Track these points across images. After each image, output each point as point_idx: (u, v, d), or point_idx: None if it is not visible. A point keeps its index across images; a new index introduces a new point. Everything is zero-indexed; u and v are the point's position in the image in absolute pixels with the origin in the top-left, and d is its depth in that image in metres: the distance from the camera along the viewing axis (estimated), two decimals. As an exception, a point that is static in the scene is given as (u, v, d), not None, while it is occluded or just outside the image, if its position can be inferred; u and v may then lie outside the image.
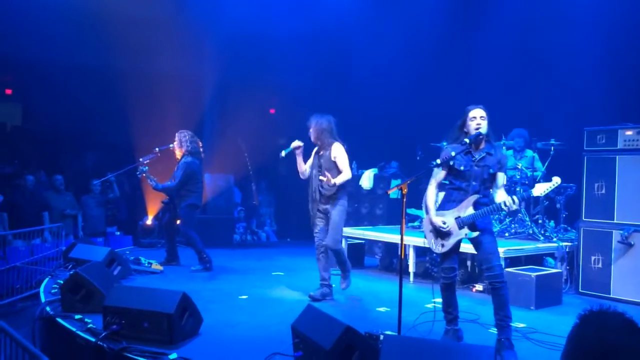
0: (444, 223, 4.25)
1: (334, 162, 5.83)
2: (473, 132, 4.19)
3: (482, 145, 4.24)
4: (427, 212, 4.40)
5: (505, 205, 4.07)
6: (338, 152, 5.86)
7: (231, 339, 4.42)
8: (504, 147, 7.36)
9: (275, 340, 4.14)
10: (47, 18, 9.35)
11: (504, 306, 4.14)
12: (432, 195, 4.40)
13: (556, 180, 4.13)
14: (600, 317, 1.35)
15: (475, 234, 4.20)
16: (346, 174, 5.80)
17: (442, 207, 4.38)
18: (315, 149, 6.05)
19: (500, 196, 4.20)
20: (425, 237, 4.47)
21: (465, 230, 4.22)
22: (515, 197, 4.09)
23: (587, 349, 1.30)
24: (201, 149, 7.64)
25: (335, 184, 5.67)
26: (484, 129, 4.19)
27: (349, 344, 3.44)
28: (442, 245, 4.31)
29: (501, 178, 4.26)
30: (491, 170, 4.21)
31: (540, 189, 4.13)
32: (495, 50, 8.57)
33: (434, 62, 9.34)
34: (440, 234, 4.30)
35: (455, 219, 4.24)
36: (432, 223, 4.33)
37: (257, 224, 11.13)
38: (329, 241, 5.79)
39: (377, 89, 9.78)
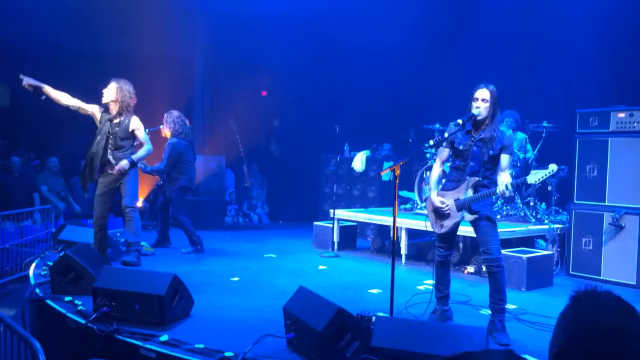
0: (443, 203, 4.25)
1: (132, 134, 5.74)
2: (474, 114, 4.14)
3: (484, 126, 4.17)
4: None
5: (502, 191, 4.00)
6: (138, 125, 5.77)
7: (222, 320, 4.41)
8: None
9: (267, 322, 4.13)
10: (36, -1, 9.19)
11: (500, 290, 4.14)
12: (435, 174, 4.41)
13: (552, 167, 4.01)
14: (593, 297, 1.32)
15: (473, 216, 4.17)
16: (148, 146, 5.79)
17: (444, 186, 4.39)
18: (103, 114, 5.76)
19: (503, 178, 4.12)
20: (427, 217, 4.47)
21: (463, 213, 4.21)
22: (509, 185, 4.02)
23: (582, 330, 1.27)
24: (190, 129, 7.59)
25: (130, 162, 5.63)
26: (483, 111, 4.11)
27: (341, 325, 3.43)
28: (441, 227, 4.32)
29: (504, 160, 4.16)
30: (491, 152, 4.14)
31: (535, 177, 4.01)
32: (488, 32, 8.49)
33: (426, 45, 9.26)
34: (440, 215, 4.30)
35: (455, 200, 4.23)
36: (432, 203, 4.33)
37: (249, 206, 11.09)
38: (127, 201, 5.68)
39: (369, 71, 9.71)
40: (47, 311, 4.57)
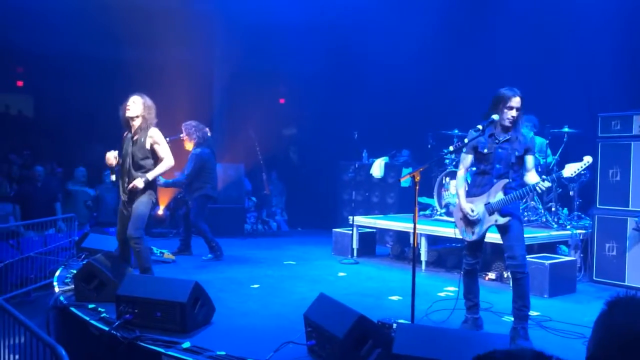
0: (473, 211, 4.20)
1: (150, 151, 5.16)
2: (506, 120, 4.10)
3: (511, 129, 4.15)
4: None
5: (539, 187, 4.00)
6: (157, 139, 5.18)
7: (243, 327, 4.42)
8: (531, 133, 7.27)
9: (288, 329, 4.13)
10: (57, 10, 9.37)
11: (524, 296, 4.10)
12: (462, 181, 4.35)
13: (587, 159, 4.01)
14: (629, 303, 1.31)
15: (506, 219, 4.13)
16: (168, 162, 5.18)
17: (468, 193, 4.33)
18: (127, 134, 5.29)
19: (531, 178, 4.14)
20: (455, 225, 4.42)
21: (495, 217, 4.15)
22: (545, 177, 4.06)
23: (618, 336, 1.26)
24: (210, 137, 7.65)
25: (145, 182, 5.06)
26: (516, 118, 4.13)
27: (362, 332, 3.42)
28: (473, 233, 4.25)
29: (530, 161, 4.18)
30: (517, 153, 4.13)
31: (570, 170, 4.02)
32: (507, 35, 8.44)
33: (444, 50, 9.24)
34: (471, 221, 4.24)
35: (485, 205, 4.18)
36: (462, 210, 4.27)
37: (268, 214, 11.13)
38: (132, 230, 5.08)
39: (387, 77, 9.70)
40: (71, 318, 4.63)
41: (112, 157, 5.23)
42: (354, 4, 9.93)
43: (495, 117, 4.09)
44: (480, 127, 4.12)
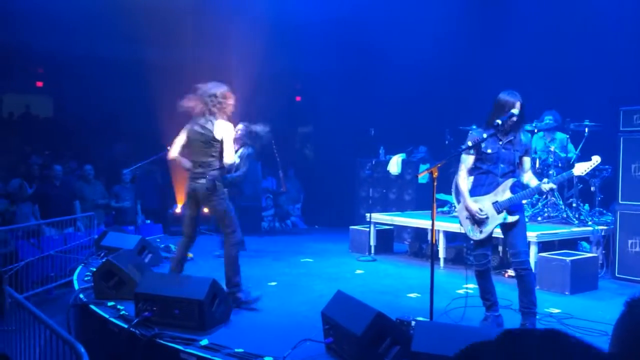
0: (481, 210, 4.19)
1: (221, 142, 4.84)
2: (508, 124, 4.12)
3: (514, 131, 4.22)
4: (457, 198, 4.38)
5: (542, 188, 4.13)
6: (226, 132, 4.85)
7: (261, 325, 4.42)
8: (536, 130, 7.21)
9: (306, 326, 4.13)
10: (76, 12, 9.47)
11: (530, 292, 4.16)
12: (465, 181, 4.34)
13: (596, 159, 4.16)
14: None
15: (515, 218, 4.17)
16: (230, 157, 4.88)
17: (472, 192, 4.32)
18: (188, 127, 5.08)
19: (528, 179, 4.27)
20: (460, 224, 4.40)
21: (504, 214, 4.17)
22: (547, 180, 4.20)
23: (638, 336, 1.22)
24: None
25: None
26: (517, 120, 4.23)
27: (380, 330, 3.40)
28: (481, 232, 4.24)
29: (528, 162, 4.31)
30: (519, 154, 4.23)
31: (581, 168, 4.16)
32: (526, 29, 8.33)
33: (461, 45, 9.14)
34: (477, 220, 4.23)
35: (493, 203, 4.19)
36: (467, 209, 4.25)
37: (285, 211, 11.13)
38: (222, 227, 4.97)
39: (404, 73, 9.64)
40: (91, 316, 4.68)
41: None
42: (369, 1, 9.87)
43: (499, 121, 4.10)
44: (499, 121, 4.10)
